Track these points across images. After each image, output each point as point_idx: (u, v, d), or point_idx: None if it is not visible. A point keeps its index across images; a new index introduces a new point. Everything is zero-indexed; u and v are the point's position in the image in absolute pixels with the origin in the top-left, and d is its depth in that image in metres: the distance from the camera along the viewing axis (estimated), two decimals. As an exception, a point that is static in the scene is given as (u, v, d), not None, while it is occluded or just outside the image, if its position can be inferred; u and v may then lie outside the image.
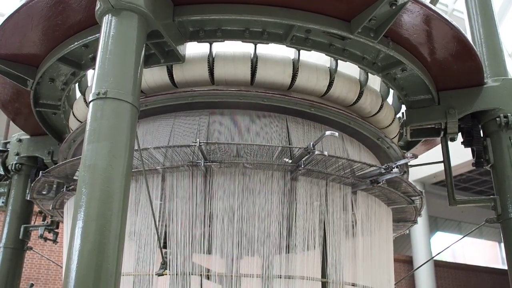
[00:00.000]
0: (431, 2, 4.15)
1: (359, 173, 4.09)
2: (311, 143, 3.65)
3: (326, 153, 3.69)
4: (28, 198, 5.31)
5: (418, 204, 4.84)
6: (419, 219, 5.28)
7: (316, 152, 3.60)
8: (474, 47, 4.67)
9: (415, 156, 3.99)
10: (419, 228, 21.76)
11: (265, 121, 4.18)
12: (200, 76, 4.20)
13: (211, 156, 3.80)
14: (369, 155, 4.72)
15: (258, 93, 4.10)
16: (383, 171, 3.98)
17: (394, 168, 3.97)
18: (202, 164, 3.72)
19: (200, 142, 3.60)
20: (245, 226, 3.76)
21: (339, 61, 4.33)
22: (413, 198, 4.69)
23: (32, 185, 4.88)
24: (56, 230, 6.28)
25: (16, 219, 6.06)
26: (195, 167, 3.82)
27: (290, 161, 3.84)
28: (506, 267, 4.69)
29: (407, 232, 5.57)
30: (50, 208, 5.16)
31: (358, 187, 4.17)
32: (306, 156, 3.70)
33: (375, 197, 4.37)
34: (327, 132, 3.68)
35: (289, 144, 4.08)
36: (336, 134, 3.74)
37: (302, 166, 3.75)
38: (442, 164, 5.12)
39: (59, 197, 4.74)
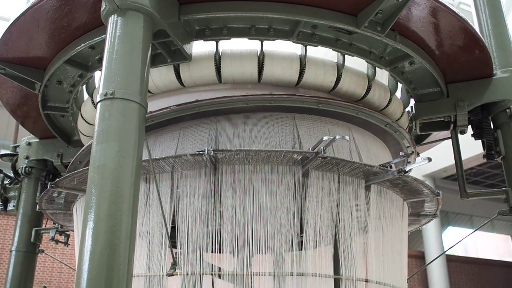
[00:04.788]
0: (437, -6, 4.12)
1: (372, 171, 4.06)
2: (322, 147, 3.64)
3: (328, 157, 3.69)
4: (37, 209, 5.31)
5: (435, 205, 4.81)
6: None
7: (320, 155, 3.61)
8: (482, 38, 4.63)
9: (429, 160, 3.95)
10: (431, 223, 21.57)
11: (273, 121, 4.16)
12: (207, 75, 4.19)
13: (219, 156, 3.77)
14: (378, 144, 4.68)
15: (264, 96, 4.04)
16: (396, 174, 3.96)
17: (407, 171, 3.97)
18: (208, 153, 3.67)
19: (208, 149, 3.59)
20: (256, 224, 3.75)
21: (346, 56, 4.31)
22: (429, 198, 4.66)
23: (40, 197, 4.87)
24: (67, 233, 6.30)
25: (27, 223, 6.09)
26: (203, 165, 3.80)
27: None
28: (519, 260, 4.65)
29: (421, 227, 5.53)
30: (37, 209, 5.14)
31: (372, 181, 4.13)
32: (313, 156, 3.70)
33: (390, 191, 4.34)
34: (337, 136, 3.67)
35: (299, 141, 4.05)
36: (347, 137, 3.73)
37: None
38: (453, 158, 5.08)
39: (44, 195, 4.72)
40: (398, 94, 5.00)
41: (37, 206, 5.04)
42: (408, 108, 5.19)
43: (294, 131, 4.13)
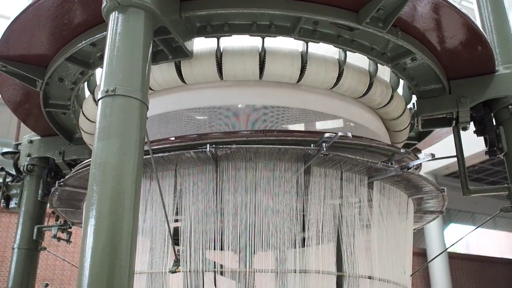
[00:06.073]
0: (439, -9, 4.11)
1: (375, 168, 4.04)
2: (324, 144, 3.63)
3: (330, 153, 3.68)
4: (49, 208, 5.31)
5: (440, 201, 4.80)
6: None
7: (322, 152, 3.59)
8: (484, 34, 4.61)
9: (432, 156, 3.94)
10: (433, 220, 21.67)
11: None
12: (208, 72, 4.18)
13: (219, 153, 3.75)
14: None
15: (272, 147, 3.75)
16: (399, 171, 3.95)
17: (410, 168, 3.95)
18: (209, 150, 3.64)
19: (210, 146, 3.58)
20: (258, 221, 3.74)
21: (348, 52, 4.29)
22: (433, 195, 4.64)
23: (50, 196, 4.86)
24: (69, 230, 6.30)
25: (29, 220, 6.09)
26: (205, 162, 3.80)
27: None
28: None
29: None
30: (48, 207, 5.14)
31: (375, 178, 4.12)
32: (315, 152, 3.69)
33: (394, 188, 4.31)
34: (340, 132, 3.67)
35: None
36: (349, 134, 3.72)
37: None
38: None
39: (53, 194, 4.72)
40: (400, 90, 4.98)
41: (48, 204, 5.02)
42: (410, 105, 5.17)
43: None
